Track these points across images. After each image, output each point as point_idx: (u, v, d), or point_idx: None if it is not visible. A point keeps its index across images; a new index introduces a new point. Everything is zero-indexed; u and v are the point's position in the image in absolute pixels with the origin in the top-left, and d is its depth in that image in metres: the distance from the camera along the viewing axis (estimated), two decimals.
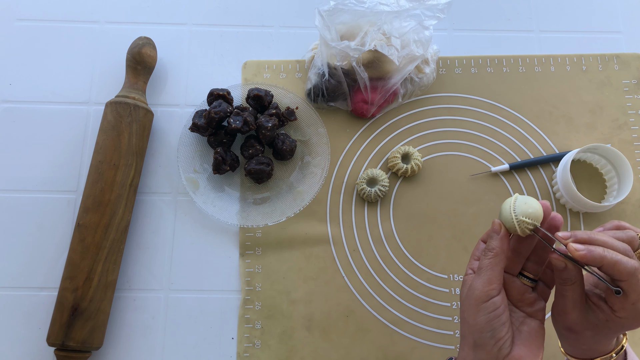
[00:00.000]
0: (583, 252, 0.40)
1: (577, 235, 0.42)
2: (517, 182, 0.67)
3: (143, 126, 0.65)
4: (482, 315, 0.43)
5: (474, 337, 0.43)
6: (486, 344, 0.42)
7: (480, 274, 0.44)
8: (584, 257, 0.40)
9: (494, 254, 0.44)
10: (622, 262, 0.40)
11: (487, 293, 0.43)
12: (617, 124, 0.70)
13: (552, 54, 0.73)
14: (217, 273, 0.64)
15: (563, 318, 0.44)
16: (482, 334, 0.43)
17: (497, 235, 0.44)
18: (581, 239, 0.42)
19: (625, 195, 0.62)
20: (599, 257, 0.40)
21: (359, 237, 0.65)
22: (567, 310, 0.43)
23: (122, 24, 0.73)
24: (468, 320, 0.44)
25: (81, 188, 0.66)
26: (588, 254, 0.40)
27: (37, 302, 0.62)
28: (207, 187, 0.66)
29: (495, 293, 0.43)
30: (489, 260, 0.44)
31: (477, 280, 0.44)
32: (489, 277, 0.43)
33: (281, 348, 0.61)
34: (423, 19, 0.64)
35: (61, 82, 0.70)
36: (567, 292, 0.43)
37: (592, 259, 0.40)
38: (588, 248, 0.40)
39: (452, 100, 0.70)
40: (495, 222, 0.45)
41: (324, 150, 0.66)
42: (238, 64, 0.72)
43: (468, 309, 0.44)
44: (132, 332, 0.62)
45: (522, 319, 0.45)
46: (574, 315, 0.43)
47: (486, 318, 0.43)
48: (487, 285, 0.43)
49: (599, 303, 0.43)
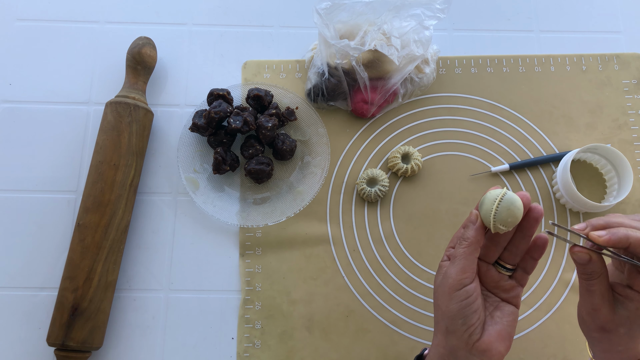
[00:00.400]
0: (606, 236, 0.40)
1: (594, 223, 0.41)
2: (517, 182, 0.67)
3: (143, 126, 0.65)
4: (454, 302, 0.43)
5: (446, 324, 0.44)
6: (457, 330, 0.43)
7: (455, 262, 0.44)
8: (609, 241, 0.39)
9: (468, 244, 0.44)
10: None
11: (461, 281, 0.43)
12: (617, 124, 0.70)
13: (552, 54, 0.73)
14: (217, 273, 0.64)
15: (594, 317, 0.43)
16: (454, 320, 0.43)
17: (472, 225, 0.44)
18: (598, 225, 0.41)
19: (625, 195, 0.62)
20: (625, 237, 0.39)
21: (359, 237, 0.65)
22: (597, 306, 0.42)
23: (122, 24, 0.73)
24: (441, 307, 0.44)
25: (81, 188, 0.66)
26: (613, 237, 0.39)
27: (37, 302, 0.62)
28: (207, 187, 0.66)
29: (469, 282, 0.43)
30: (463, 250, 0.44)
31: (451, 268, 0.44)
32: (462, 266, 0.43)
33: (281, 348, 0.61)
34: (423, 19, 0.64)
35: (61, 82, 0.70)
36: (594, 287, 0.42)
37: (617, 241, 0.39)
38: (610, 231, 0.40)
39: (452, 100, 0.70)
40: (472, 212, 0.45)
41: (324, 150, 0.66)
42: (238, 64, 0.72)
43: (442, 296, 0.44)
44: (132, 332, 0.62)
45: (497, 303, 0.45)
46: (605, 311, 0.42)
47: (458, 306, 0.43)
48: (460, 274, 0.43)
49: (625, 292, 0.42)
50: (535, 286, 0.63)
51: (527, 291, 0.63)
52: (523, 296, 0.63)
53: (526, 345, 0.61)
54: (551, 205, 0.66)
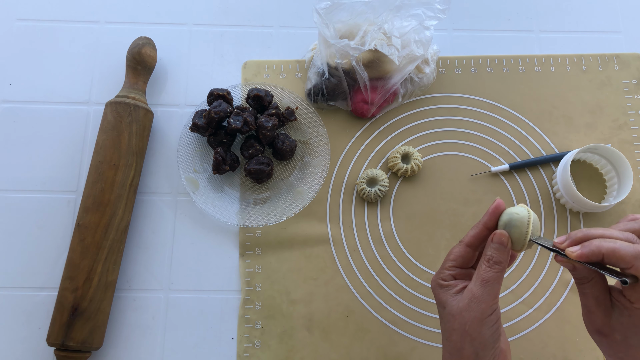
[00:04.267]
0: (578, 251, 0.40)
1: (572, 237, 0.41)
2: (517, 182, 0.67)
3: (143, 126, 0.65)
4: (487, 327, 0.42)
5: (476, 349, 0.42)
6: (487, 355, 0.42)
7: (486, 286, 0.42)
8: (581, 256, 0.40)
9: (502, 268, 0.43)
10: (622, 248, 0.39)
11: (492, 306, 0.42)
12: (617, 124, 0.70)
13: (552, 54, 0.73)
14: (217, 273, 0.64)
15: (590, 319, 0.43)
16: (486, 346, 0.42)
17: (504, 247, 0.43)
18: (577, 238, 0.41)
19: (625, 195, 0.62)
20: (596, 249, 0.39)
21: (359, 237, 0.65)
22: (591, 309, 0.43)
23: (122, 24, 0.73)
24: (470, 333, 0.42)
25: (81, 188, 0.66)
26: (585, 251, 0.40)
27: (37, 302, 0.62)
28: (207, 187, 0.66)
29: (497, 305, 0.43)
30: (495, 274, 0.43)
31: (482, 292, 0.42)
32: (496, 291, 0.42)
33: (281, 348, 0.61)
34: (424, 19, 0.64)
35: (61, 82, 0.70)
36: (587, 290, 0.43)
37: (590, 254, 0.39)
38: (583, 245, 0.40)
39: (452, 100, 0.70)
40: (503, 234, 0.44)
41: (324, 150, 0.66)
42: (238, 64, 0.72)
43: (472, 321, 0.42)
44: (132, 332, 0.62)
45: None
46: (600, 315, 0.42)
47: (491, 330, 0.42)
48: (493, 299, 0.42)
49: (619, 298, 0.42)
50: (535, 286, 0.63)
51: (527, 291, 0.63)
52: (523, 296, 0.63)
53: (526, 345, 0.61)
54: (551, 206, 0.66)
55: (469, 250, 0.46)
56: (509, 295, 0.63)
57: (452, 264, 0.46)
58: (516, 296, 0.63)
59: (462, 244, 0.47)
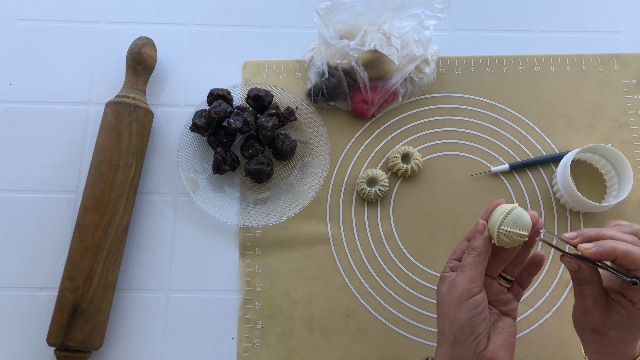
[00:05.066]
0: (594, 249, 0.40)
1: (585, 234, 0.42)
2: (517, 182, 0.67)
3: (143, 126, 0.65)
4: (463, 311, 0.43)
5: (454, 333, 0.44)
6: (465, 340, 0.43)
7: (464, 271, 0.44)
8: (596, 254, 0.40)
9: (477, 253, 0.45)
10: (635, 251, 0.40)
11: (470, 291, 0.44)
12: (617, 124, 0.70)
13: (552, 54, 0.73)
14: (217, 273, 0.64)
15: (586, 318, 0.44)
16: (462, 329, 0.43)
17: (480, 235, 0.45)
18: (589, 236, 0.42)
19: (625, 195, 0.62)
20: (612, 250, 0.40)
21: (359, 237, 0.65)
22: (589, 309, 0.43)
23: (122, 24, 0.73)
24: (449, 317, 0.44)
25: (81, 188, 0.66)
26: (600, 250, 0.40)
27: (37, 302, 0.62)
28: (207, 187, 0.66)
29: (477, 291, 0.44)
30: (472, 259, 0.45)
31: (460, 277, 0.45)
32: (472, 275, 0.44)
33: (281, 348, 0.61)
34: (423, 19, 0.64)
35: (61, 82, 0.70)
36: (586, 291, 0.43)
37: (605, 254, 0.40)
38: (597, 244, 0.41)
39: (452, 100, 0.70)
40: (479, 222, 0.46)
41: (324, 150, 0.66)
42: (238, 64, 0.72)
43: (450, 305, 0.45)
44: (132, 332, 0.62)
45: (497, 316, 0.47)
46: (597, 314, 0.43)
47: (467, 315, 0.43)
48: (470, 283, 0.44)
49: (618, 299, 0.43)
50: (535, 286, 0.63)
51: (527, 291, 0.63)
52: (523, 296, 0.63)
53: (526, 345, 0.61)
54: (551, 206, 0.66)
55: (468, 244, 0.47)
56: None
57: (452, 257, 0.49)
58: None
59: (464, 239, 0.49)
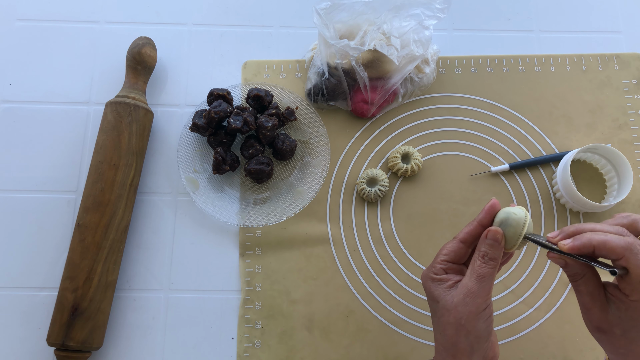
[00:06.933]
0: (570, 243, 0.41)
1: (565, 231, 0.43)
2: (517, 182, 0.67)
3: (143, 126, 0.65)
4: (482, 321, 0.43)
5: (471, 343, 0.43)
6: (481, 348, 0.43)
7: (482, 281, 0.43)
8: (573, 248, 0.41)
9: (496, 264, 0.44)
10: (612, 240, 0.40)
11: (487, 301, 0.43)
12: (617, 124, 0.70)
13: (552, 54, 0.73)
14: (217, 273, 0.64)
15: (588, 316, 0.44)
16: (480, 339, 0.43)
17: (498, 244, 0.44)
18: (569, 232, 0.42)
19: (625, 195, 0.62)
20: (588, 242, 0.40)
21: (359, 237, 0.65)
22: (587, 305, 0.43)
23: (122, 24, 0.73)
24: (466, 327, 0.43)
25: (81, 188, 0.66)
26: (577, 243, 0.41)
27: (37, 302, 0.62)
28: (207, 187, 0.66)
29: (490, 300, 0.44)
30: (491, 270, 0.44)
31: (477, 287, 0.43)
32: (490, 286, 0.44)
33: (281, 348, 0.61)
34: (423, 19, 0.64)
35: (61, 82, 0.70)
36: (581, 287, 0.43)
37: (581, 246, 0.40)
38: (574, 238, 0.41)
39: (452, 100, 0.70)
40: (498, 231, 0.44)
41: (324, 150, 0.66)
42: (238, 64, 0.72)
43: (467, 316, 0.43)
44: (132, 332, 0.62)
45: None
46: (596, 311, 0.43)
47: (485, 324, 0.43)
48: (487, 294, 0.43)
49: (615, 293, 0.42)
50: (535, 286, 0.63)
51: (527, 291, 0.63)
52: (523, 296, 0.63)
53: (526, 345, 0.61)
54: (551, 206, 0.66)
55: (462, 246, 0.47)
56: (509, 295, 0.63)
57: (444, 258, 0.47)
58: (516, 296, 0.63)
59: (456, 239, 0.47)
